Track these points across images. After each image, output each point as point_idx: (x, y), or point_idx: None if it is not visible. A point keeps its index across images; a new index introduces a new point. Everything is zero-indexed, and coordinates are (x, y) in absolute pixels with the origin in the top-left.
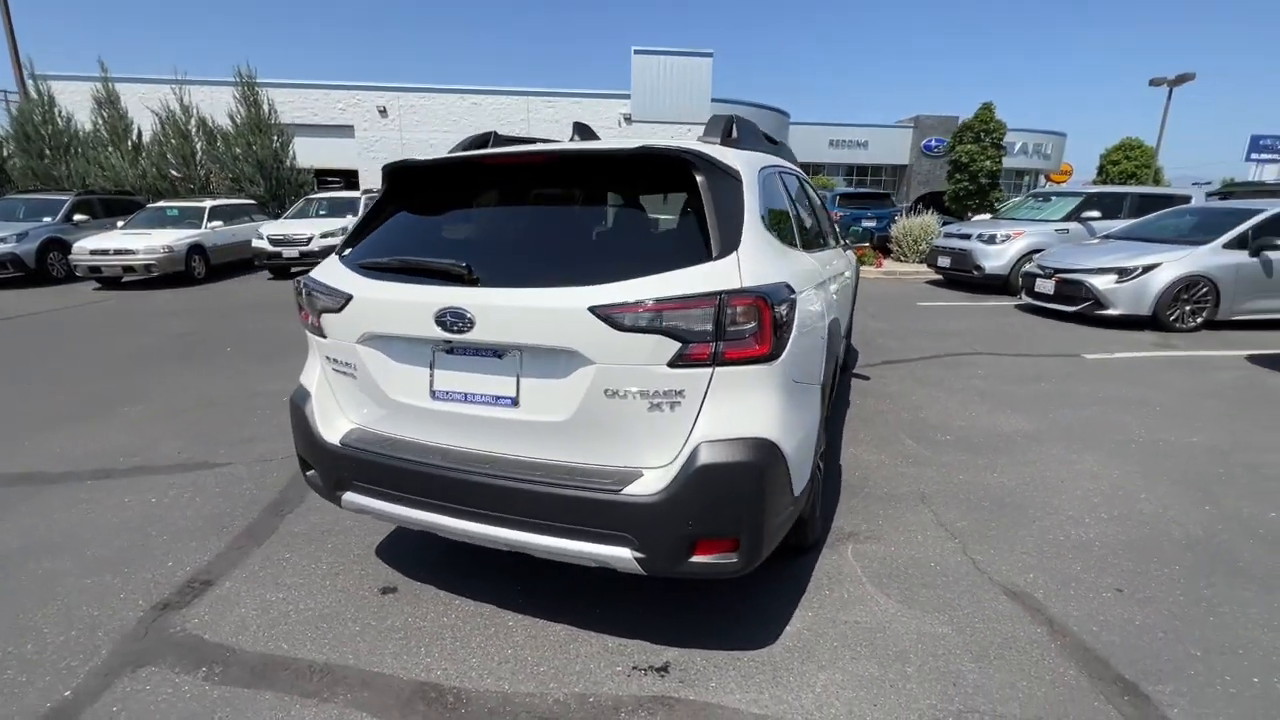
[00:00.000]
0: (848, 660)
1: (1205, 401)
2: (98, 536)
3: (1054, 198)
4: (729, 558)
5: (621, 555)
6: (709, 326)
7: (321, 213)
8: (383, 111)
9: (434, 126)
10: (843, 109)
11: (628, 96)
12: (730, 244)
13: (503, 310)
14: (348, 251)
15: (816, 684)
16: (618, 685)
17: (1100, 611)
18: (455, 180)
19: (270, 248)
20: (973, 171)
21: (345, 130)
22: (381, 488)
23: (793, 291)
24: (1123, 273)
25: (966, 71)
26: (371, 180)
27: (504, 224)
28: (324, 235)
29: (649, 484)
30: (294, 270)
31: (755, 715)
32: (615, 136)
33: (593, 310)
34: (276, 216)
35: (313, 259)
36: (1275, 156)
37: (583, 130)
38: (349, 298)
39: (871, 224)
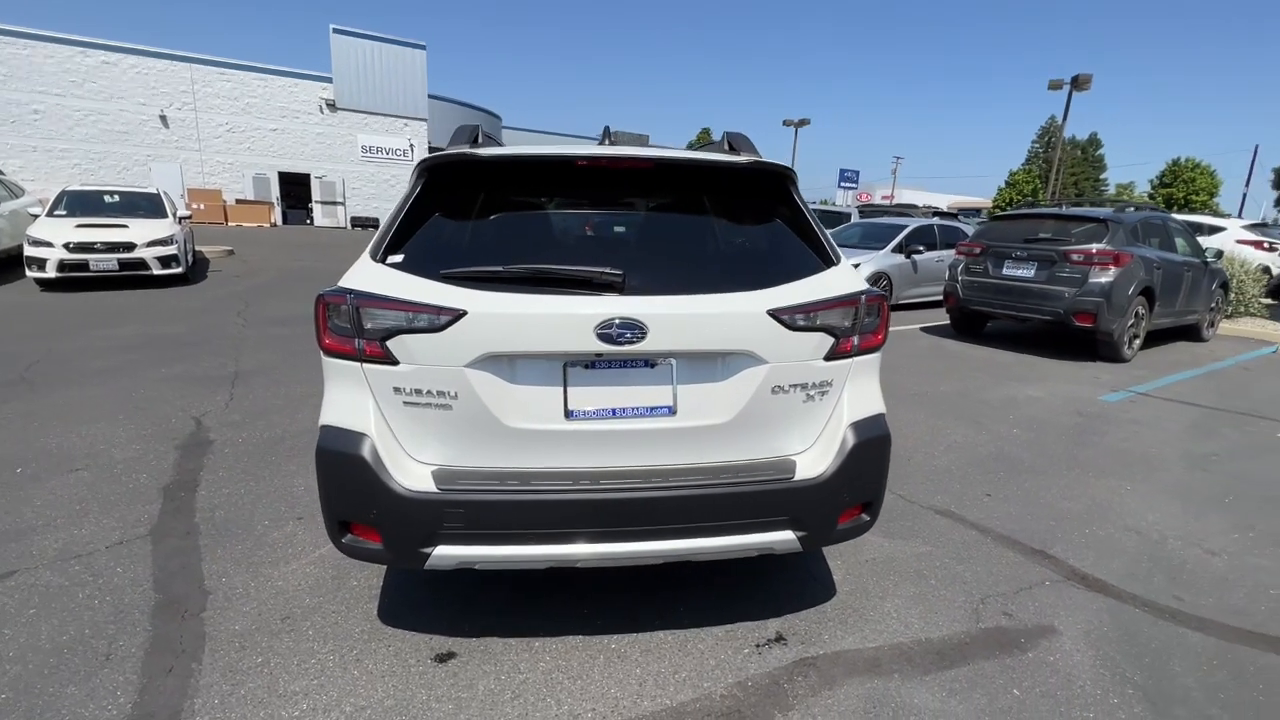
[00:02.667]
0: (892, 587)
1: (925, 361)
2: None
3: None
4: (862, 518)
5: (785, 538)
6: (850, 322)
7: None
8: None
9: (38, 85)
10: (548, 119)
11: (329, 80)
12: (835, 251)
13: (678, 318)
14: (396, 258)
15: (889, 611)
16: (759, 664)
17: (991, 511)
18: (534, 180)
19: None
20: None
21: None
22: (497, 530)
23: None
24: None
25: (647, 91)
26: None
27: (616, 229)
28: None
29: (809, 467)
30: None
31: (874, 648)
32: (318, 124)
33: (771, 313)
34: None
35: None
36: (854, 185)
37: (608, 133)
38: (459, 314)
39: None
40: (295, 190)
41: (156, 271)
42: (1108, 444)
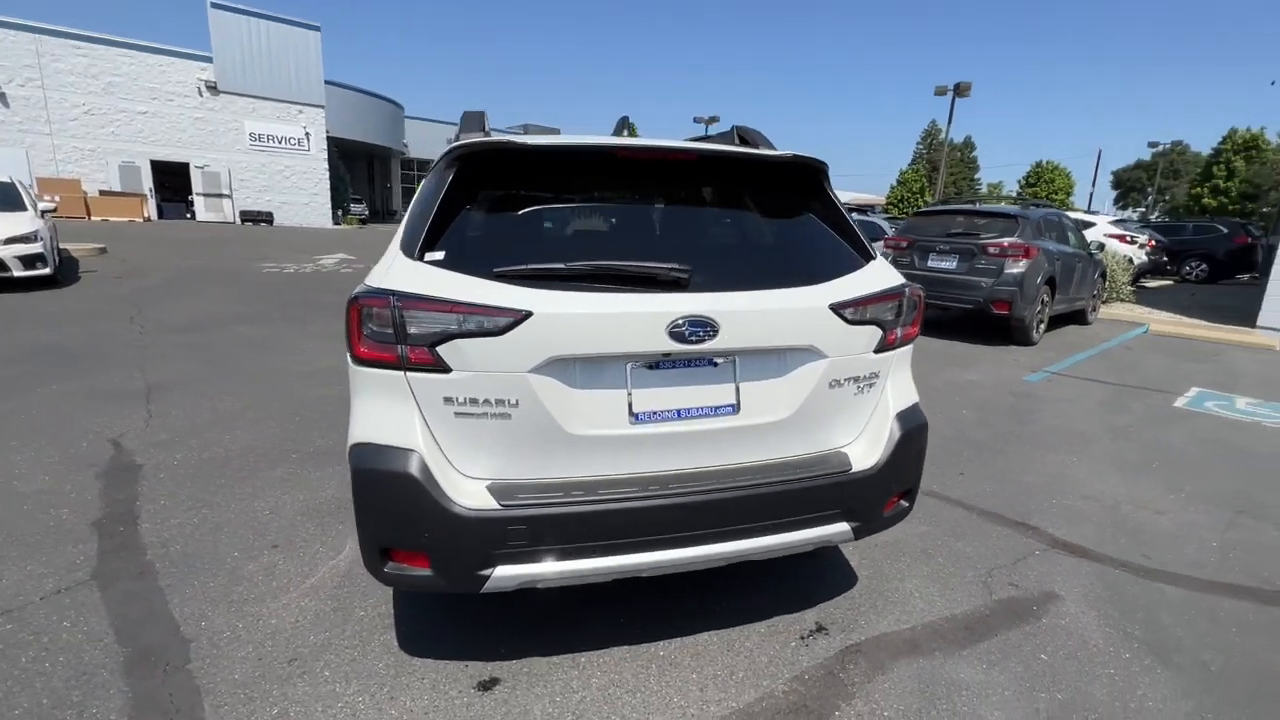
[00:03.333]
0: (907, 568)
1: None
2: None
3: None
4: (902, 505)
5: (841, 530)
6: (894, 315)
7: None
8: None
9: None
10: (452, 111)
11: (209, 59)
12: (872, 246)
13: (748, 315)
14: (435, 255)
15: (912, 591)
16: (809, 656)
17: (969, 489)
18: (574, 171)
19: None
20: None
21: None
22: (563, 545)
23: None
24: None
25: (555, 83)
26: None
27: (662, 223)
28: None
29: (862, 459)
30: None
31: (909, 629)
32: (196, 107)
33: (832, 307)
34: None
35: None
36: None
37: (625, 123)
38: (524, 315)
39: None
40: (171, 181)
41: (18, 274)
42: (1044, 421)
